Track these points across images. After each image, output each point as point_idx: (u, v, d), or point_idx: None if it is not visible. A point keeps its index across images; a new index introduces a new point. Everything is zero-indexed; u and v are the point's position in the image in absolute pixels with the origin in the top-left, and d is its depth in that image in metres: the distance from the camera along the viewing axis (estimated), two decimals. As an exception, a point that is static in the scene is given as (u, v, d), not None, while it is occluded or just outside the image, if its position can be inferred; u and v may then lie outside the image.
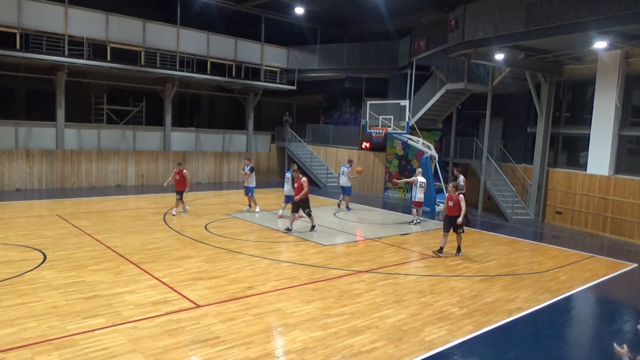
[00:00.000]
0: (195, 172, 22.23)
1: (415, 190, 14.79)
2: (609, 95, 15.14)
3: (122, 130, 20.25)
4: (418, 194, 14.79)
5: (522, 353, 6.42)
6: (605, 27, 11.78)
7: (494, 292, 8.75)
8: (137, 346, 5.80)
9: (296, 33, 24.47)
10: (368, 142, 22.29)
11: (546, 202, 17.08)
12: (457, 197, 10.96)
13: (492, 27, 14.24)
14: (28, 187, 17.82)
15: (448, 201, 11.15)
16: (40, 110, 19.44)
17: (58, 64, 17.41)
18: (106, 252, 9.88)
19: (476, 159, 19.11)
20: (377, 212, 17.23)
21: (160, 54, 19.46)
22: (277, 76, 23.53)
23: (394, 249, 11.62)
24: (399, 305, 7.77)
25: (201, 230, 12.39)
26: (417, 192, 14.77)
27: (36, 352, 5.49)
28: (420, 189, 14.76)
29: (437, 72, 19.79)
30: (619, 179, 14.92)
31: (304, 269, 9.51)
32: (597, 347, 7.05)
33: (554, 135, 17.11)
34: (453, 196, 11.02)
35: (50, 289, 7.54)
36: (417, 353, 6.09)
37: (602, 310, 8.96)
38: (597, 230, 15.36)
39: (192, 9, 20.92)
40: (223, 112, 27.61)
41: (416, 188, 14.75)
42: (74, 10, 17.34)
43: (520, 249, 12.54)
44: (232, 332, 6.36)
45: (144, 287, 7.90)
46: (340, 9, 22.22)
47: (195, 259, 9.68)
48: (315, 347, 6.07)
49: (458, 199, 10.94)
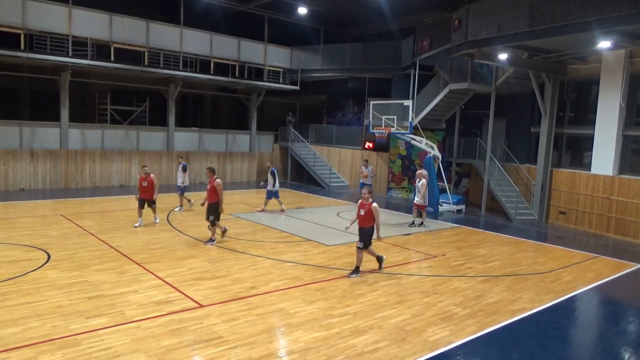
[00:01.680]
0: (199, 172, 22.25)
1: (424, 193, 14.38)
2: (613, 95, 15.08)
3: (126, 131, 20.29)
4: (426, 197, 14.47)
5: (525, 354, 6.40)
6: (609, 26, 11.73)
7: (497, 292, 8.73)
8: (140, 346, 5.81)
9: (299, 33, 24.47)
10: (371, 142, 22.28)
11: (550, 202, 17.02)
12: (371, 205, 9.20)
13: (496, 26, 14.20)
14: (32, 187, 17.88)
15: (360, 209, 9.34)
16: (44, 111, 19.50)
17: (62, 65, 17.47)
18: (110, 252, 9.91)
19: (480, 159, 19.07)
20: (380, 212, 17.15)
21: (163, 54, 19.50)
22: (280, 76, 23.54)
23: (397, 249, 11.61)
24: (402, 305, 7.76)
25: (204, 230, 12.38)
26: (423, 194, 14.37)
27: (40, 352, 5.51)
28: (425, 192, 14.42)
29: (441, 72, 19.76)
30: (624, 179, 14.85)
31: (307, 269, 9.51)
32: (601, 347, 7.02)
33: (557, 135, 17.05)
34: (366, 203, 9.25)
35: (53, 289, 7.56)
36: (420, 353, 6.08)
37: (606, 311, 8.92)
38: (601, 231, 15.30)
39: (196, 10, 20.95)
40: (226, 112, 27.64)
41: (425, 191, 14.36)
42: (77, 10, 17.40)
43: (524, 250, 12.50)
44: (235, 332, 6.36)
45: (147, 287, 7.91)
46: (343, 9, 22.21)
47: (198, 259, 9.70)
48: (318, 347, 6.07)
49: (371, 207, 9.19)
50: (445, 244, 12.51)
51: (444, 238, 13.35)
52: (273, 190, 15.70)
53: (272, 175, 15.62)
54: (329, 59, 23.94)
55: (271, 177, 15.63)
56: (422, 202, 14.52)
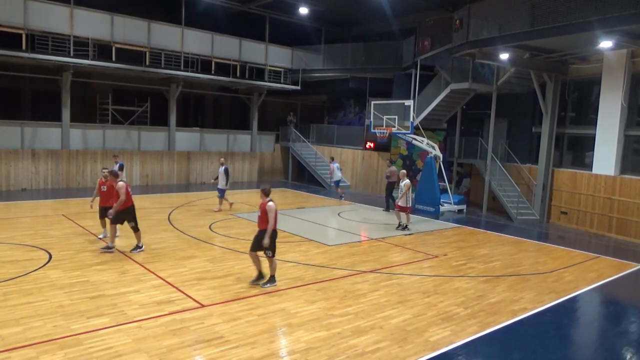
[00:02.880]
0: (200, 172, 22.28)
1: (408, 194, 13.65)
2: (614, 95, 15.06)
3: (127, 131, 20.31)
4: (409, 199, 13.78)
5: (527, 354, 6.39)
6: (610, 26, 11.71)
7: (498, 292, 8.72)
8: (142, 346, 5.81)
9: (300, 33, 24.48)
10: (372, 142, 22.28)
11: (551, 202, 17.00)
12: (265, 204, 7.99)
13: (497, 26, 14.19)
14: (34, 187, 17.90)
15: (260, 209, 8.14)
16: (46, 111, 19.52)
17: (63, 65, 17.48)
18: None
19: (481, 159, 19.06)
20: (382, 212, 17.21)
21: (164, 54, 19.51)
22: (282, 76, 23.55)
23: (398, 249, 11.60)
24: (403, 305, 7.75)
25: (205, 230, 12.41)
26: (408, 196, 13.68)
27: (41, 352, 5.52)
28: (410, 193, 13.81)
29: (442, 72, 19.75)
30: (625, 179, 14.83)
31: (308, 269, 9.51)
32: (603, 348, 7.00)
33: (559, 135, 17.03)
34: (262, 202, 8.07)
35: (55, 289, 7.57)
36: (422, 353, 6.08)
37: (608, 311, 8.91)
38: (603, 231, 15.28)
39: (197, 10, 20.96)
40: (227, 112, 27.65)
41: (408, 192, 13.66)
42: (79, 10, 17.43)
43: (525, 250, 12.49)
44: (236, 332, 6.37)
45: (149, 286, 7.91)
46: (344, 9, 22.21)
47: (199, 259, 9.70)
48: (319, 347, 6.07)
49: (266, 207, 7.96)
50: (446, 244, 12.51)
51: (445, 238, 13.34)
52: (224, 189, 15.08)
53: (225, 173, 15.02)
54: (330, 59, 23.94)
55: (224, 175, 14.99)
56: (405, 203, 13.71)
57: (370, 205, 18.44)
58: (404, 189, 13.64)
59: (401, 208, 13.84)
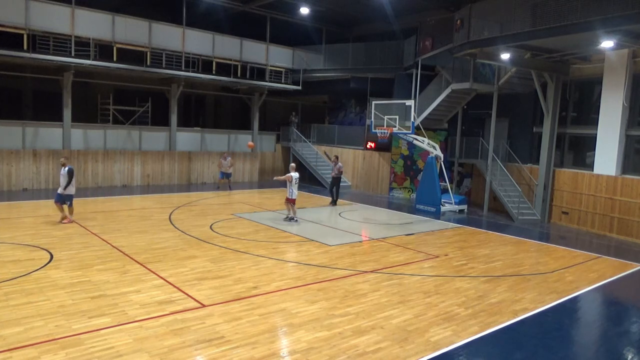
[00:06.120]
0: (201, 172, 22.29)
1: (291, 187, 13.81)
2: (616, 94, 15.05)
3: (128, 131, 20.33)
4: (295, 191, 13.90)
5: (528, 354, 6.39)
6: (612, 26, 11.69)
7: (499, 292, 8.71)
8: (143, 345, 5.82)
9: (301, 33, 24.48)
10: (373, 142, 22.26)
11: (552, 202, 16.99)
12: None
13: (498, 26, 14.17)
14: (35, 187, 17.92)
15: None
16: (47, 111, 19.55)
17: (65, 65, 17.50)
18: (112, 251, 9.92)
19: (482, 159, 19.05)
20: (382, 212, 17.21)
21: (166, 55, 19.52)
22: (283, 76, 23.55)
23: (399, 249, 11.60)
24: (404, 305, 7.75)
25: (206, 230, 12.41)
26: (293, 189, 13.83)
27: (42, 351, 5.52)
28: (295, 186, 13.88)
29: (443, 72, 19.75)
30: (626, 179, 14.82)
31: (309, 269, 9.51)
32: (604, 348, 7.00)
33: (560, 135, 17.02)
34: None
35: (56, 289, 7.58)
36: (423, 354, 6.08)
37: (609, 311, 8.90)
38: (604, 231, 15.27)
39: (198, 10, 20.99)
40: (228, 112, 27.67)
41: (291, 185, 13.79)
42: (80, 11, 17.44)
43: (526, 250, 12.48)
44: (237, 332, 6.37)
45: (150, 286, 7.92)
46: (345, 9, 22.20)
47: (200, 259, 9.71)
48: (320, 347, 6.07)
49: None
50: (447, 244, 12.50)
51: (446, 238, 13.34)
52: (63, 194, 12.21)
53: (69, 174, 12.17)
54: (331, 59, 23.95)
55: (67, 176, 12.17)
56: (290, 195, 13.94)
57: (371, 205, 18.44)
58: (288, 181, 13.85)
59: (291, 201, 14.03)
